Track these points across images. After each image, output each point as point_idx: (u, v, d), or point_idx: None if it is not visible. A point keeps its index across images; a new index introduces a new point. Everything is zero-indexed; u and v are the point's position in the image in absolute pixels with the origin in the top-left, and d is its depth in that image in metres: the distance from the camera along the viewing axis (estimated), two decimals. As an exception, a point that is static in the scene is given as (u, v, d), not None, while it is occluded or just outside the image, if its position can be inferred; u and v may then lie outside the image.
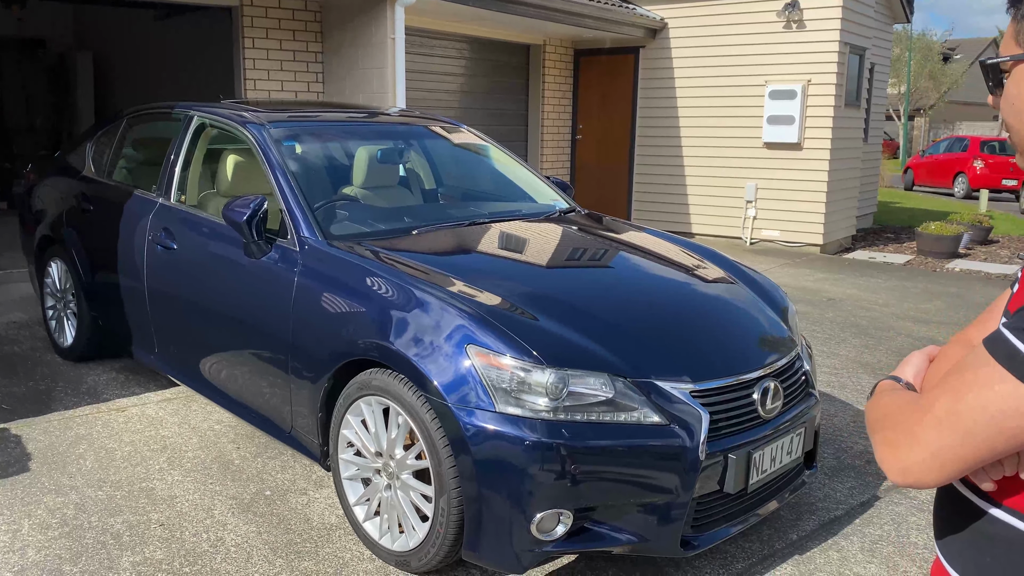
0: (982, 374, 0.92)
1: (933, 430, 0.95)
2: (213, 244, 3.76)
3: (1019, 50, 1.00)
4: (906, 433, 0.98)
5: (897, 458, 0.99)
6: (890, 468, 1.01)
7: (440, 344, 2.66)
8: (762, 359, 2.97)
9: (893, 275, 8.91)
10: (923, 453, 0.96)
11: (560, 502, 2.51)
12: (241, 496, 3.42)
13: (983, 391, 0.91)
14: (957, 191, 21.04)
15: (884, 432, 1.03)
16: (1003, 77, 1.03)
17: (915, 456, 0.97)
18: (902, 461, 0.98)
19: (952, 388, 0.95)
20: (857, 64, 10.22)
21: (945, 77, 34.86)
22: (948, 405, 0.94)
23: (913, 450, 0.97)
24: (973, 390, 0.92)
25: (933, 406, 0.96)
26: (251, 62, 7.79)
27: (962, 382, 0.94)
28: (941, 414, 0.95)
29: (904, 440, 0.98)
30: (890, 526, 3.31)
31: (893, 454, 1.00)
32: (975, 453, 0.93)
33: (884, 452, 1.02)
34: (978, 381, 0.92)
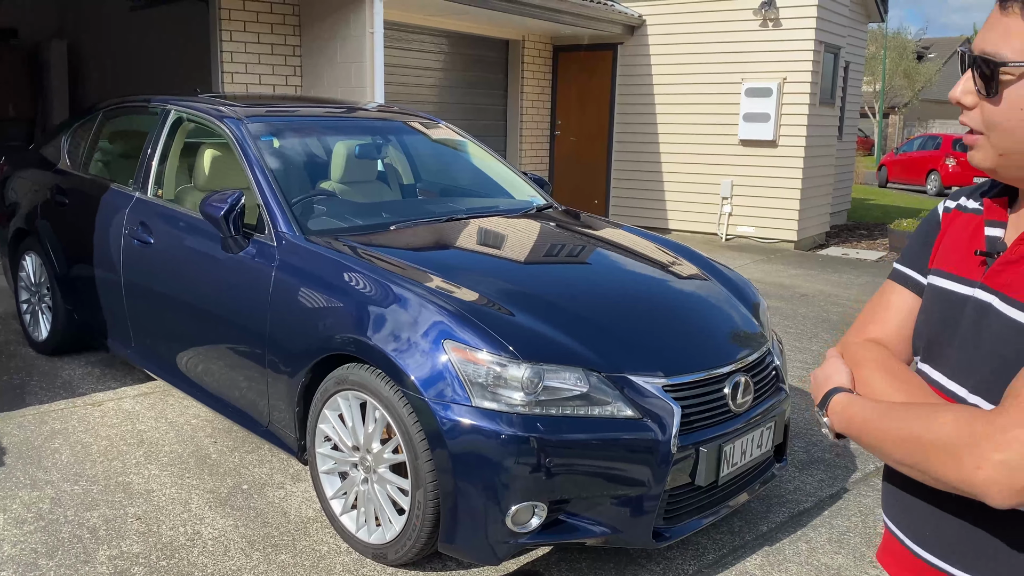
0: None
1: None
2: (190, 239, 3.76)
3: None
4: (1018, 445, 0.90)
5: (1007, 476, 0.91)
6: (996, 488, 0.92)
7: (417, 339, 2.70)
8: (733, 354, 3.03)
9: (865, 271, 9.04)
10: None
11: (535, 495, 2.56)
12: (218, 490, 3.44)
13: None
14: (930, 188, 21.33)
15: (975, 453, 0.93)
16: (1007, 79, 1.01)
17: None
18: (1015, 478, 0.91)
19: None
20: (832, 62, 10.34)
21: (919, 75, 35.29)
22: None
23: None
24: None
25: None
26: (228, 55, 7.74)
27: None
28: None
29: (1018, 453, 0.90)
30: (857, 517, 3.39)
31: (1001, 472, 0.91)
32: None
33: (984, 473, 0.92)
34: None
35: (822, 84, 10.00)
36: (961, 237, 1.18)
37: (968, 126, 1.08)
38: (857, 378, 1.22)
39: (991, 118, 1.04)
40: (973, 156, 1.09)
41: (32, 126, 12.58)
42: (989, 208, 1.15)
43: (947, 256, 1.19)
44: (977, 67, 1.03)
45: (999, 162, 1.06)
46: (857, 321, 1.31)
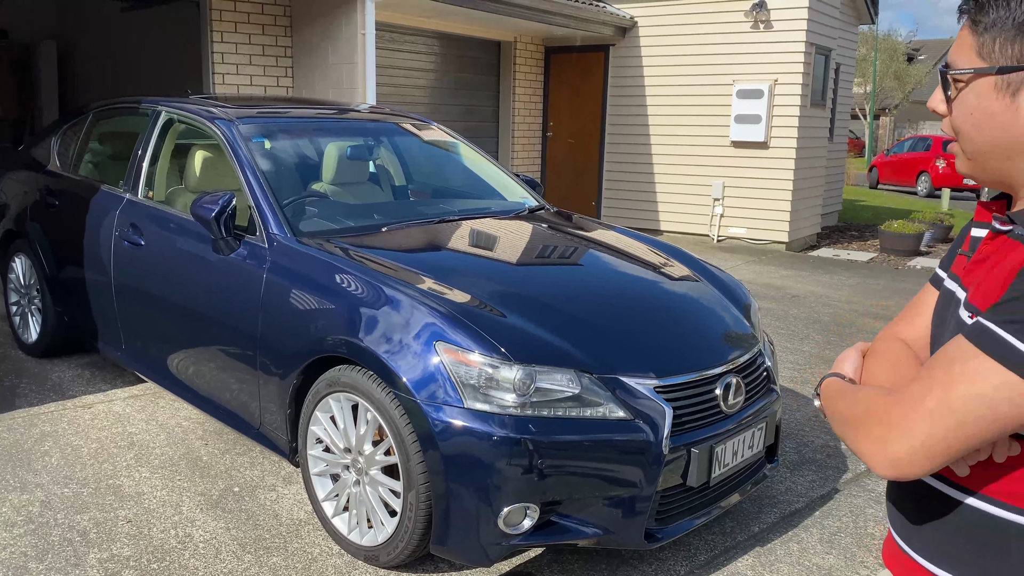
0: (971, 367, 0.96)
1: (925, 422, 0.98)
2: (181, 240, 3.75)
3: (981, 63, 1.05)
4: (896, 428, 1.01)
5: (886, 451, 1.02)
6: (878, 462, 1.03)
7: (409, 341, 2.69)
8: (725, 355, 3.04)
9: (856, 272, 9.07)
10: (913, 444, 0.99)
11: (527, 496, 2.56)
12: (209, 492, 3.43)
13: (974, 383, 0.95)
14: (920, 190, 21.44)
15: (868, 427, 1.05)
16: (960, 87, 1.08)
17: (904, 448, 1.00)
18: (891, 454, 1.01)
19: (941, 381, 0.99)
20: (823, 64, 10.38)
21: (909, 77, 35.46)
22: (939, 397, 0.98)
23: (903, 443, 1.00)
24: (963, 382, 0.96)
25: (923, 400, 0.99)
26: (220, 56, 7.72)
27: (950, 375, 0.98)
28: (932, 406, 0.98)
29: (894, 434, 1.01)
30: (848, 518, 3.41)
31: (881, 448, 1.02)
32: (964, 442, 0.98)
33: (870, 447, 1.04)
34: (968, 373, 0.96)
35: (813, 86, 10.04)
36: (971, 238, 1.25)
37: (947, 135, 1.14)
38: (868, 368, 1.28)
39: (953, 124, 1.11)
40: (957, 165, 1.15)
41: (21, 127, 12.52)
42: (980, 211, 1.19)
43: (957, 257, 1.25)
44: (940, 76, 1.12)
45: (971, 166, 1.11)
46: (894, 319, 1.36)
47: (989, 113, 1.05)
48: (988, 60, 1.04)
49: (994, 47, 1.03)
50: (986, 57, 1.05)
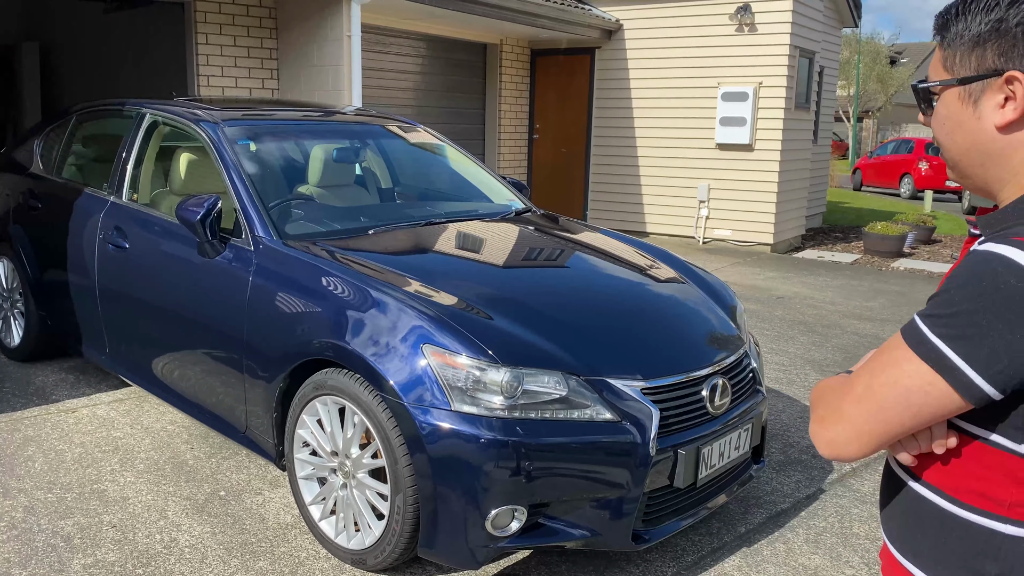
0: (894, 356, 1.03)
1: (853, 406, 1.06)
2: (166, 243, 3.73)
3: (947, 75, 1.10)
4: (834, 409, 1.08)
5: (824, 433, 1.09)
6: (819, 442, 1.10)
7: (396, 344, 2.69)
8: (711, 357, 3.05)
9: (840, 274, 9.14)
10: (844, 427, 1.06)
11: (515, 498, 2.56)
12: (195, 497, 3.41)
13: (894, 371, 1.03)
14: (903, 191, 21.61)
15: (817, 410, 1.12)
16: (933, 99, 1.13)
17: (838, 429, 1.07)
18: (828, 435, 1.08)
19: (870, 369, 1.06)
20: (807, 67, 10.45)
21: (892, 80, 35.74)
22: (866, 383, 1.05)
23: (837, 425, 1.07)
24: (886, 370, 1.03)
25: (855, 385, 1.07)
26: (204, 58, 7.69)
27: (878, 363, 1.05)
28: (860, 391, 1.05)
29: (830, 416, 1.09)
30: (834, 518, 3.43)
31: (821, 429, 1.10)
32: (886, 427, 1.04)
33: (815, 427, 1.11)
34: (890, 362, 1.03)
35: (797, 88, 10.11)
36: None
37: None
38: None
39: (935, 135, 1.17)
40: (948, 172, 1.20)
41: (3, 130, 12.40)
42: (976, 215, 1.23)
43: None
44: (913, 91, 1.18)
45: (954, 174, 1.16)
46: None
47: (958, 122, 1.10)
48: (951, 72, 1.10)
49: (955, 59, 1.09)
50: (950, 69, 1.10)
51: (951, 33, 1.10)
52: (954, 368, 0.97)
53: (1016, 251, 0.96)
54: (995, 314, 0.95)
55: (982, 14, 1.06)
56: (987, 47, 1.05)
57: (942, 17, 1.12)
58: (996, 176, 1.10)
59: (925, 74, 1.20)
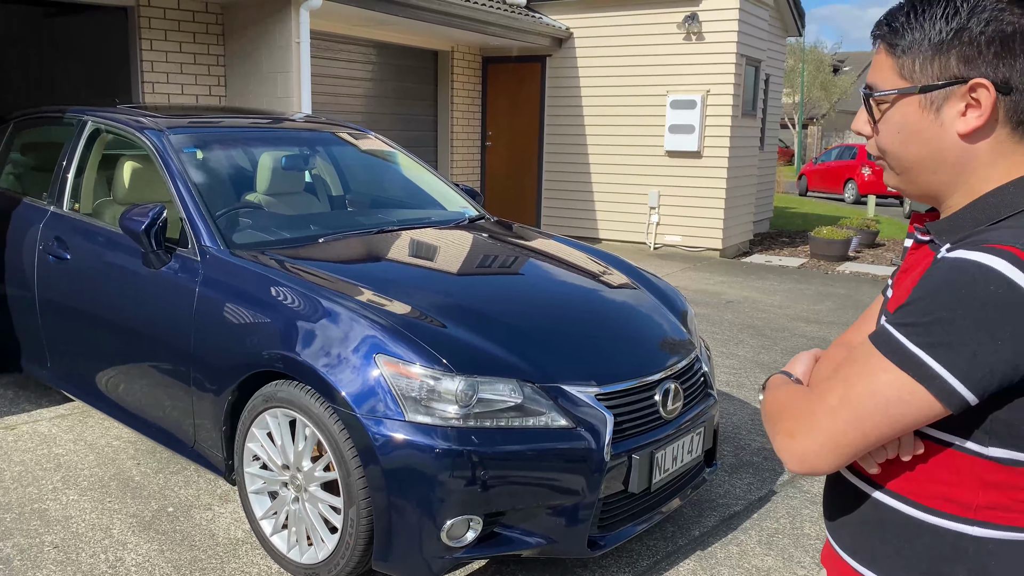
0: (869, 365, 1.02)
1: (827, 418, 1.03)
2: (109, 254, 3.64)
3: (904, 82, 1.09)
4: (803, 422, 1.06)
5: (795, 446, 1.06)
6: (789, 456, 1.07)
7: (348, 354, 2.66)
8: (663, 361, 3.08)
9: (788, 278, 9.31)
10: (819, 440, 1.04)
11: (470, 508, 2.54)
12: (142, 514, 3.32)
13: (871, 380, 1.01)
14: (847, 197, 22.12)
15: (782, 423, 1.10)
16: (883, 107, 1.12)
17: (811, 443, 1.05)
18: (800, 449, 1.06)
19: (843, 379, 1.04)
20: (753, 75, 10.65)
21: (836, 87, 36.62)
22: (840, 394, 1.03)
23: (809, 437, 1.05)
24: (862, 380, 1.02)
25: (826, 396, 1.04)
26: (149, 64, 7.53)
27: (852, 373, 1.03)
28: (835, 403, 1.03)
29: (801, 429, 1.06)
30: (786, 519, 3.48)
31: (791, 443, 1.07)
32: (864, 438, 1.02)
33: (783, 442, 1.08)
34: (866, 372, 1.02)
35: (744, 96, 10.29)
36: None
37: (872, 153, 1.17)
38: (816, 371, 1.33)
39: (880, 144, 1.14)
40: (885, 178, 1.19)
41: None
42: (913, 221, 1.24)
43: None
44: (864, 99, 1.15)
45: (900, 180, 1.15)
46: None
47: (915, 130, 1.09)
48: (910, 80, 1.08)
49: (914, 67, 1.07)
50: (907, 77, 1.08)
51: (906, 40, 1.08)
52: (935, 376, 0.97)
53: (992, 258, 0.96)
54: (975, 321, 0.95)
55: (941, 22, 1.05)
56: (950, 55, 1.05)
57: (888, 24, 1.11)
58: (947, 182, 1.10)
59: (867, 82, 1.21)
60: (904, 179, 1.14)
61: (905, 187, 1.16)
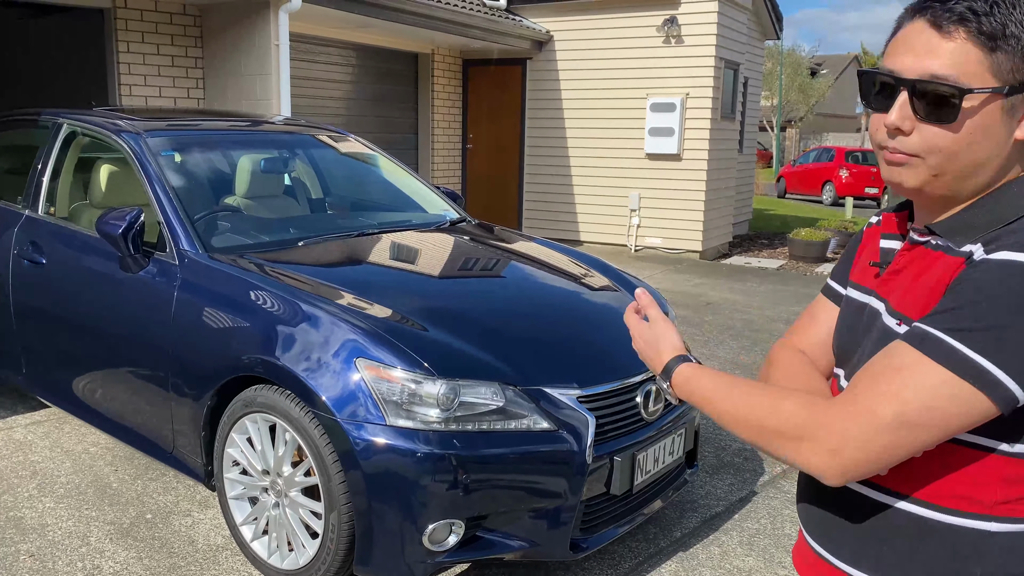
0: (922, 373, 0.97)
1: (880, 431, 0.99)
2: (86, 258, 3.60)
3: (994, 81, 1.00)
4: (849, 437, 1.00)
5: (839, 461, 1.01)
6: (831, 473, 1.02)
7: (328, 358, 2.64)
8: (644, 363, 3.07)
9: (767, 279, 9.37)
10: (868, 453, 1.00)
11: (452, 512, 2.53)
12: (120, 521, 3.28)
13: (926, 388, 0.97)
14: (825, 198, 22.32)
15: (811, 439, 1.03)
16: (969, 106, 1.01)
17: (859, 456, 1.00)
18: (845, 463, 1.01)
19: (892, 389, 0.99)
20: (732, 78, 10.72)
21: (813, 90, 36.92)
22: (893, 405, 0.98)
23: (857, 452, 1.00)
24: (917, 389, 0.97)
25: (876, 408, 0.99)
26: (126, 67, 7.46)
27: (901, 383, 0.98)
28: (887, 414, 0.98)
29: (848, 444, 1.00)
30: (767, 520, 3.50)
31: (832, 458, 1.01)
32: (915, 446, 1.00)
33: (818, 459, 1.02)
34: (920, 379, 0.97)
35: (723, 99, 10.35)
36: (869, 249, 1.26)
37: (901, 151, 1.06)
38: (765, 376, 1.33)
39: (938, 143, 1.03)
40: (901, 176, 1.07)
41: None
42: (887, 222, 1.22)
43: (858, 267, 1.27)
44: (927, 93, 1.02)
45: (930, 182, 1.06)
46: (789, 328, 1.39)
47: (991, 133, 1.02)
48: (999, 78, 1.00)
49: (1008, 66, 1.00)
50: (997, 75, 1.00)
51: (1006, 35, 0.99)
52: (997, 383, 0.94)
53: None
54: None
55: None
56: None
57: (974, 11, 0.99)
58: (983, 184, 1.06)
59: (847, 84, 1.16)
60: (937, 180, 1.06)
61: (930, 189, 1.07)
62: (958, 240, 1.06)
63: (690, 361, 1.24)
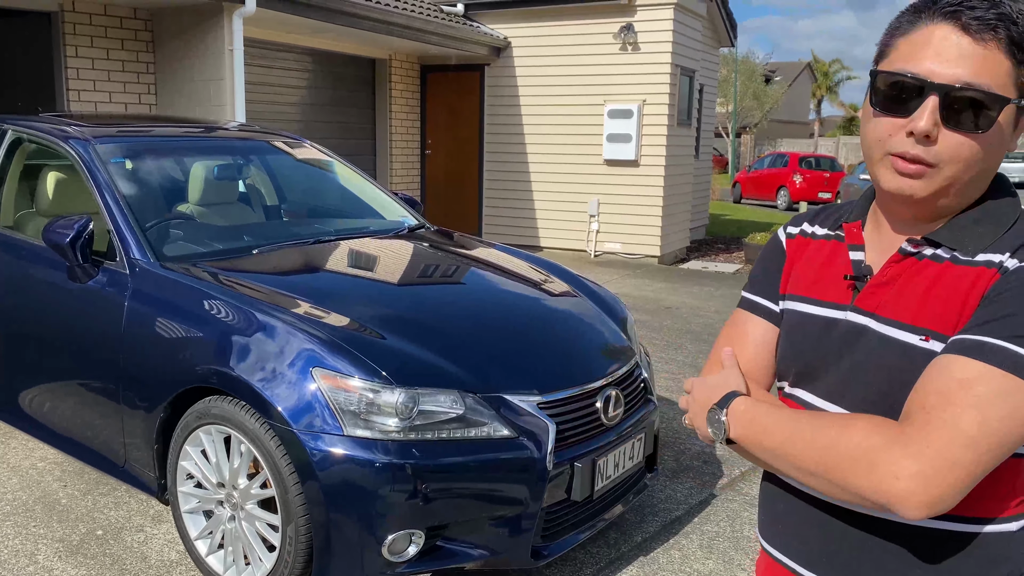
0: (996, 386, 0.93)
1: (970, 451, 0.93)
2: (33, 268, 3.50)
3: (1014, 92, 1.00)
4: (931, 456, 0.93)
5: (923, 488, 0.93)
6: (911, 500, 0.94)
7: (284, 368, 2.60)
8: (604, 368, 3.09)
9: (724, 283, 9.48)
10: (959, 476, 0.93)
11: (412, 522, 2.51)
12: (69, 538, 3.19)
13: (1006, 401, 0.93)
14: (780, 203, 22.67)
15: (890, 465, 0.95)
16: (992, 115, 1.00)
17: (948, 480, 0.93)
18: (929, 489, 0.93)
19: (970, 405, 0.94)
20: (688, 85, 10.84)
21: (767, 97, 37.51)
22: (978, 422, 0.93)
23: (949, 474, 0.93)
24: (996, 404, 0.93)
25: (959, 427, 0.93)
26: (74, 72, 7.30)
27: (977, 399, 0.94)
28: (975, 433, 0.93)
29: (934, 465, 0.93)
30: (725, 522, 3.52)
31: (916, 484, 0.93)
32: (994, 460, 0.95)
33: (902, 484, 0.94)
34: (997, 394, 0.93)
35: (679, 106, 10.46)
36: (815, 263, 1.22)
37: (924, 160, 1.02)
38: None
39: (963, 152, 1.01)
40: (913, 187, 1.03)
41: None
42: (849, 233, 1.18)
43: (803, 281, 1.21)
44: (961, 100, 0.99)
45: (938, 192, 1.04)
46: (714, 349, 1.30)
47: (1003, 144, 1.03)
48: (1018, 91, 1.00)
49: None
50: (1018, 87, 1.00)
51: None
52: None
53: None
54: None
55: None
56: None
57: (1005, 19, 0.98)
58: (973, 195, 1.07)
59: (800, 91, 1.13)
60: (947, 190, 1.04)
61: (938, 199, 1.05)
62: (968, 250, 1.04)
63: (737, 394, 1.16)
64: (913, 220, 1.09)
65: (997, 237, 1.04)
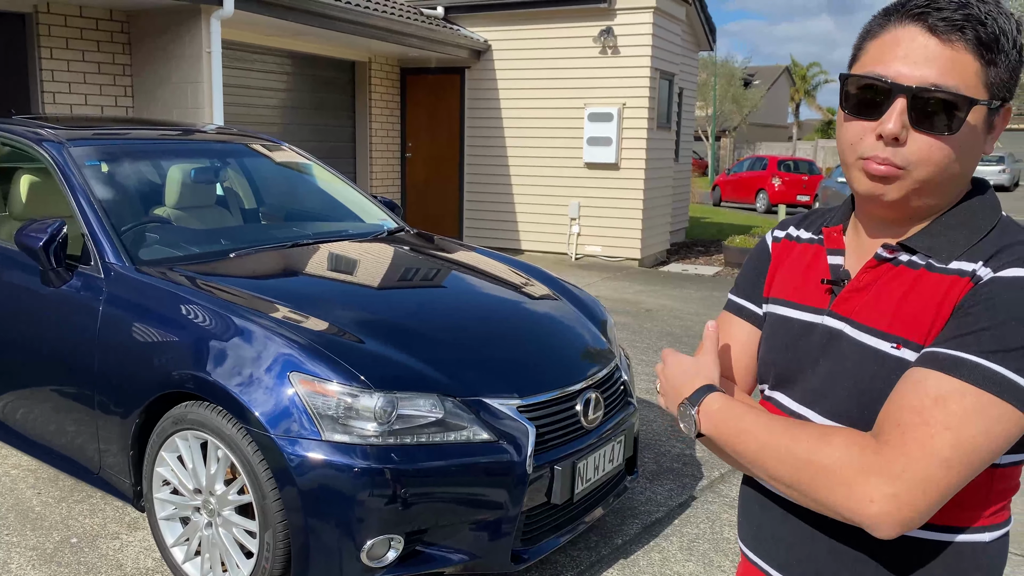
0: (970, 404, 0.93)
1: (943, 470, 0.92)
2: (5, 272, 3.45)
3: (984, 93, 1.00)
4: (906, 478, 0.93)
5: (896, 508, 0.93)
6: (885, 521, 0.93)
7: (261, 373, 2.58)
8: (584, 371, 3.09)
9: (703, 286, 9.53)
10: (932, 497, 0.93)
11: (391, 527, 2.49)
12: (43, 546, 3.14)
13: (980, 420, 0.92)
14: (759, 206, 22.84)
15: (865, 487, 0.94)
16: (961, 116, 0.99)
17: (924, 502, 0.93)
18: (902, 511, 0.93)
19: (943, 423, 0.93)
20: (667, 88, 10.89)
21: (746, 101, 37.79)
22: (951, 442, 0.92)
23: (922, 497, 0.93)
24: (970, 421, 0.92)
25: (932, 446, 0.93)
26: (49, 74, 7.22)
27: (951, 416, 0.93)
28: (948, 453, 0.92)
29: (909, 487, 0.93)
30: (705, 524, 3.53)
31: (890, 504, 0.93)
32: (967, 477, 0.95)
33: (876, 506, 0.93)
34: (971, 411, 0.93)
35: (659, 109, 10.51)
36: (798, 267, 1.22)
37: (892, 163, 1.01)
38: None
39: (933, 155, 1.00)
40: (884, 189, 1.03)
41: None
42: (829, 237, 1.18)
43: (786, 285, 1.22)
44: (929, 101, 0.99)
45: (910, 196, 1.04)
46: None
47: (976, 146, 1.02)
48: (987, 91, 1.00)
49: (996, 79, 1.00)
50: (986, 87, 1.00)
51: (999, 46, 0.98)
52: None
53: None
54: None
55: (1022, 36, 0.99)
56: (1020, 72, 1.00)
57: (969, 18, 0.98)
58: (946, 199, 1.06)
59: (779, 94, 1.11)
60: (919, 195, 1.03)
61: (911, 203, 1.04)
62: (943, 257, 1.03)
63: (722, 392, 1.13)
64: (891, 223, 1.09)
65: (971, 244, 1.03)
